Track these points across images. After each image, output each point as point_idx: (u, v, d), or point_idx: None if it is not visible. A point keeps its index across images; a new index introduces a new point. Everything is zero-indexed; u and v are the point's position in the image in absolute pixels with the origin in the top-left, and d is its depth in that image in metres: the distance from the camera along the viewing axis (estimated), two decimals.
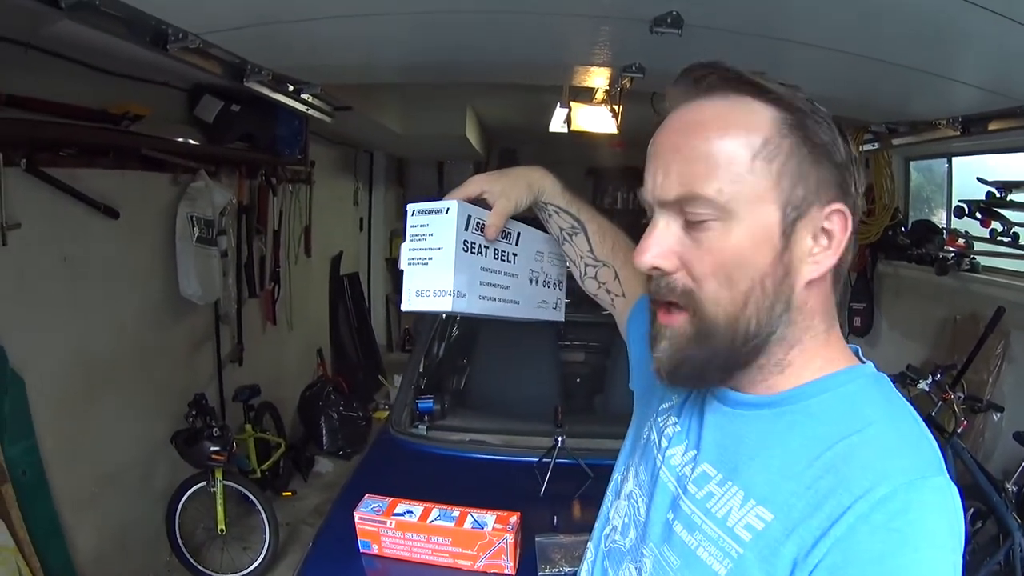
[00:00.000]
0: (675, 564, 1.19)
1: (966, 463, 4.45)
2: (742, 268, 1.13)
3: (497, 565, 2.85)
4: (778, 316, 1.16)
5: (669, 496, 1.28)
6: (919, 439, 1.11)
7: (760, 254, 1.13)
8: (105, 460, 4.61)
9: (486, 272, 1.53)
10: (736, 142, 1.13)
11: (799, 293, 1.16)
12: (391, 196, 11.89)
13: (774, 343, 1.17)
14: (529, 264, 1.69)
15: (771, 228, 1.13)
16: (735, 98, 1.16)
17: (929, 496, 1.02)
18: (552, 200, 1.72)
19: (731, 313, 1.14)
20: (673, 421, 1.38)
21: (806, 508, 1.05)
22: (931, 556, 0.99)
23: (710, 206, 1.12)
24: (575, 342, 5.88)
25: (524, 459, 3.72)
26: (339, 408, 7.64)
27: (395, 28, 3.62)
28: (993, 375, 5.30)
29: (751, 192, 1.12)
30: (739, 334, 1.14)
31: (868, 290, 7.23)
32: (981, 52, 3.36)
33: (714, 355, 1.16)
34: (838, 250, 1.15)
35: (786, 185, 1.12)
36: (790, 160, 1.13)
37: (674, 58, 3.64)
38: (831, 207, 1.14)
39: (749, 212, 1.12)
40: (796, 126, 1.13)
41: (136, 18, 3.09)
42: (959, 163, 6.13)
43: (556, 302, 1.84)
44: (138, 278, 4.90)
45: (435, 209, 1.45)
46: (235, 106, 5.29)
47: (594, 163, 12.43)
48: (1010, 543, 4.12)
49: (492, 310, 1.55)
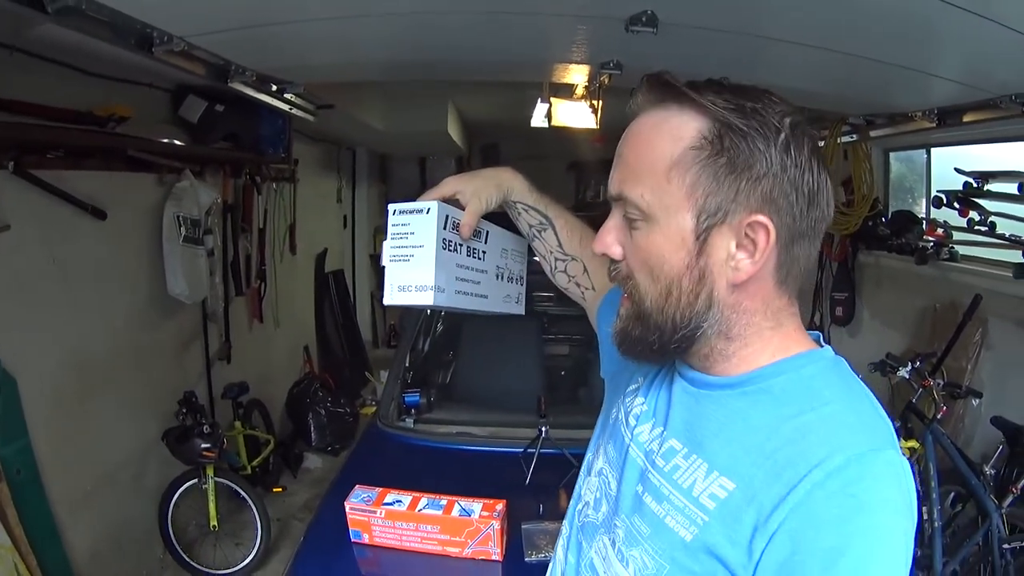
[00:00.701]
0: (645, 532, 1.27)
1: (945, 448, 4.50)
2: (661, 267, 1.26)
3: (484, 551, 2.91)
4: (701, 313, 1.25)
5: (638, 470, 1.36)
6: (874, 417, 1.19)
7: (676, 256, 1.24)
8: (98, 459, 4.64)
9: (461, 268, 1.61)
10: (658, 154, 1.24)
11: (723, 294, 1.25)
12: (374, 193, 11.87)
13: (711, 336, 1.27)
14: (496, 261, 1.77)
15: (685, 233, 1.23)
16: (675, 108, 1.25)
17: (882, 467, 1.10)
18: (521, 199, 1.80)
19: (656, 304, 1.28)
20: (640, 401, 1.47)
21: (765, 477, 1.13)
22: (885, 520, 1.07)
23: (636, 209, 1.26)
24: (559, 335, 5.92)
25: (509, 449, 3.78)
26: (326, 404, 7.65)
27: (378, 29, 3.65)
28: (972, 362, 5.34)
29: (668, 200, 1.23)
30: (667, 323, 1.26)
31: (849, 280, 7.24)
32: (955, 47, 3.41)
33: (649, 335, 1.30)
34: (761, 258, 1.21)
35: (699, 195, 1.21)
36: (705, 171, 1.21)
37: (651, 55, 3.73)
38: (751, 217, 1.20)
39: (666, 217, 1.23)
40: (716, 139, 1.20)
41: (122, 22, 3.10)
42: (939, 153, 6.18)
43: (518, 296, 1.92)
44: (126, 278, 4.93)
45: (416, 209, 1.54)
46: (219, 106, 5.31)
47: (576, 157, 12.48)
48: (988, 525, 4.16)
49: (466, 304, 1.64)
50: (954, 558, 4.36)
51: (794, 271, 1.25)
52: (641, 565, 1.26)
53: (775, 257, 1.23)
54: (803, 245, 1.25)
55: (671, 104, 1.25)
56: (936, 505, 4.43)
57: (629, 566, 1.28)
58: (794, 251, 1.24)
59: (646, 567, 1.24)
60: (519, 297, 1.93)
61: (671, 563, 1.21)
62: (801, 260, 1.26)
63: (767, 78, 1.69)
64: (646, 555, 1.25)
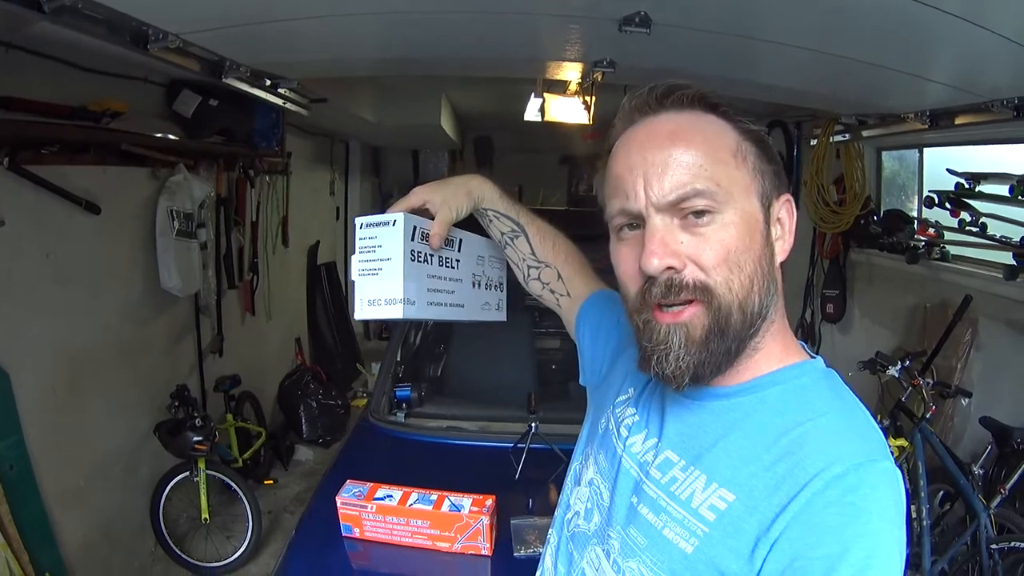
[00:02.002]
0: (642, 544, 1.27)
1: (934, 447, 4.53)
2: (745, 252, 1.23)
3: (474, 546, 2.93)
4: (772, 295, 1.27)
5: (632, 481, 1.37)
6: (867, 428, 1.21)
7: (754, 239, 1.24)
8: (91, 452, 4.64)
9: (433, 279, 1.59)
10: (718, 143, 1.25)
11: (779, 276, 1.29)
12: (367, 185, 11.89)
13: (755, 335, 1.28)
14: (471, 268, 1.75)
15: (756, 215, 1.25)
16: (694, 113, 1.28)
17: (878, 477, 1.12)
18: (492, 206, 1.78)
19: (742, 296, 1.23)
20: (632, 412, 1.48)
21: (765, 488, 1.15)
22: (882, 528, 1.08)
23: (710, 198, 1.21)
24: (550, 329, 5.93)
25: (500, 444, 3.80)
26: (318, 397, 7.70)
27: (372, 26, 3.67)
28: (962, 361, 5.36)
29: (739, 183, 1.24)
30: (748, 315, 1.24)
31: (840, 277, 7.26)
32: (947, 52, 3.45)
33: (730, 343, 1.25)
34: (791, 233, 1.29)
35: (759, 178, 1.26)
36: (757, 158, 1.26)
37: (644, 54, 3.75)
38: (783, 197, 1.28)
39: (740, 201, 1.23)
40: (748, 133, 1.27)
41: (117, 20, 3.11)
42: (932, 153, 6.20)
43: (498, 303, 1.90)
44: (119, 272, 4.93)
45: (382, 221, 1.52)
46: (213, 100, 5.30)
47: (568, 151, 12.49)
48: (976, 524, 4.18)
49: (440, 315, 1.63)
50: (942, 557, 4.39)
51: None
52: None
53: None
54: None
55: (686, 110, 1.29)
56: (925, 504, 4.46)
57: None
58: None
59: None
60: (499, 304, 1.92)
61: (670, 575, 1.22)
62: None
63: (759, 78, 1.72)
64: (643, 567, 1.26)
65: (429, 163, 11.99)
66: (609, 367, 1.70)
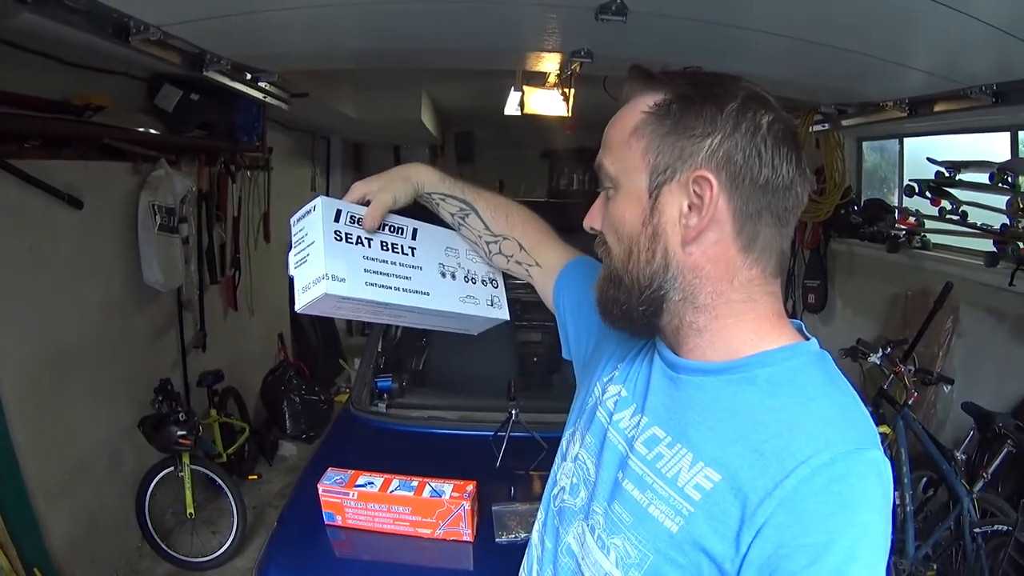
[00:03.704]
0: (627, 520, 1.27)
1: (917, 434, 4.56)
2: (623, 226, 1.33)
3: (456, 532, 2.97)
4: (660, 272, 1.29)
5: (618, 456, 1.37)
6: (857, 415, 1.21)
7: (634, 215, 1.30)
8: (75, 447, 4.63)
9: (372, 261, 1.60)
10: (623, 125, 1.34)
11: (678, 253, 1.28)
12: (348, 181, 11.54)
13: (678, 303, 1.30)
14: (438, 259, 1.75)
15: (641, 192, 1.29)
16: (647, 91, 1.34)
17: (865, 466, 1.12)
18: (434, 189, 1.80)
19: (621, 263, 1.35)
20: (619, 387, 1.48)
21: (752, 470, 1.14)
22: (868, 519, 1.09)
23: (608, 177, 1.36)
24: (532, 322, 5.94)
25: (480, 433, 3.84)
26: (301, 392, 7.67)
27: (351, 17, 3.67)
28: (944, 349, 5.40)
29: (629, 164, 1.31)
30: (633, 283, 1.32)
31: (821, 267, 7.31)
32: (926, 38, 3.47)
33: (620, 296, 1.36)
34: (707, 212, 1.24)
35: (651, 155, 1.28)
36: (655, 133, 1.28)
37: (621, 44, 3.76)
38: (696, 172, 1.24)
39: (627, 180, 1.32)
40: (666, 105, 1.28)
41: (99, 11, 3.11)
42: (912, 143, 6.23)
43: (491, 299, 1.86)
44: (102, 267, 4.92)
45: (306, 211, 1.58)
46: (194, 95, 5.29)
47: (549, 145, 12.42)
48: (959, 509, 4.21)
49: (391, 297, 1.61)
50: (926, 542, 4.43)
51: (760, 242, 1.26)
52: (623, 553, 1.26)
53: (731, 220, 1.25)
54: (768, 219, 1.27)
55: (645, 88, 1.33)
56: (908, 490, 4.49)
57: (610, 554, 1.29)
58: (758, 221, 1.26)
59: (628, 556, 1.25)
60: (493, 300, 1.86)
61: (655, 553, 1.22)
62: (770, 235, 1.28)
63: (736, 66, 1.71)
64: (629, 544, 1.26)
65: (410, 158, 11.82)
66: (596, 343, 1.70)
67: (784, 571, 1.07)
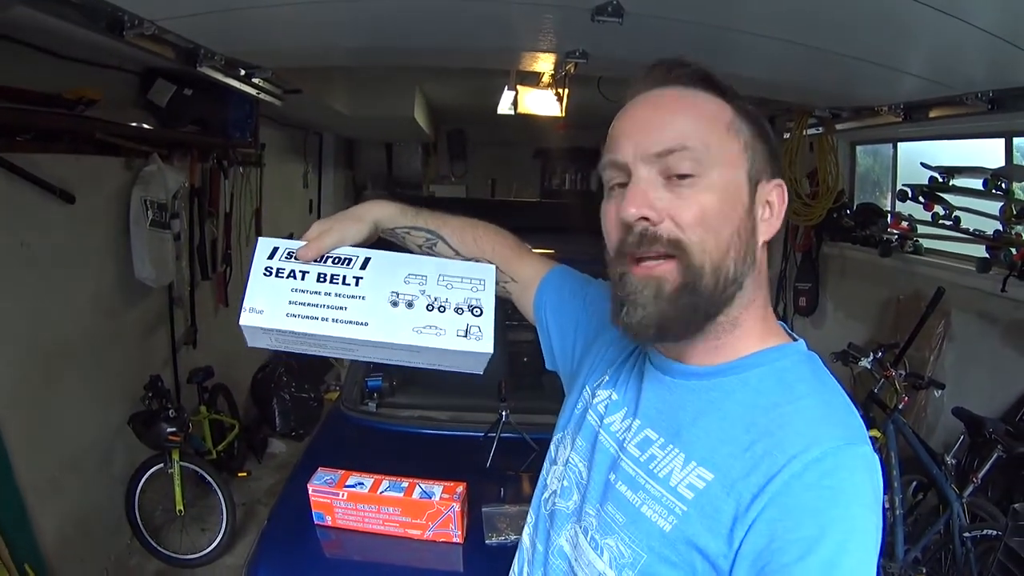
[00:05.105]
0: (620, 521, 1.28)
1: (907, 438, 4.57)
2: (723, 218, 1.25)
3: (445, 534, 2.96)
4: (748, 266, 1.28)
5: (609, 458, 1.38)
6: (846, 413, 1.23)
7: (735, 208, 1.26)
8: (65, 443, 4.61)
9: (300, 293, 1.59)
10: (714, 112, 1.29)
11: (759, 253, 1.31)
12: (340, 178, 11.80)
13: (739, 297, 1.29)
14: (391, 287, 1.65)
15: (741, 187, 1.27)
16: (697, 90, 1.31)
17: (855, 461, 1.14)
18: (395, 224, 1.78)
19: (715, 259, 1.24)
20: (609, 391, 1.49)
21: (743, 468, 1.16)
22: (859, 512, 1.10)
23: (694, 160, 1.23)
24: (523, 322, 5.91)
25: (471, 433, 3.84)
26: (291, 389, 7.65)
27: (346, 14, 3.67)
28: (935, 353, 5.42)
29: (728, 152, 1.27)
30: (720, 280, 1.25)
31: (813, 270, 7.33)
32: (921, 44, 3.47)
33: (700, 302, 1.26)
34: (780, 218, 1.30)
35: (749, 155, 1.28)
36: (751, 137, 1.29)
37: (616, 45, 3.75)
38: (774, 181, 1.30)
39: (724, 170, 1.26)
40: (745, 113, 1.30)
41: (93, 5, 3.10)
42: (906, 148, 6.24)
43: (466, 329, 1.64)
44: (93, 262, 4.91)
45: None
46: (188, 90, 5.28)
47: (542, 144, 12.48)
48: (949, 513, 4.22)
49: (319, 328, 1.58)
50: (916, 546, 4.43)
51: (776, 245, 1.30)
52: (617, 554, 1.27)
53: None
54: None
55: (690, 87, 1.32)
56: (898, 494, 4.49)
57: (604, 555, 1.30)
58: None
59: (622, 555, 1.26)
60: (468, 330, 1.64)
61: (648, 552, 1.22)
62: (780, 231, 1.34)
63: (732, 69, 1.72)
64: (622, 544, 1.26)
65: (403, 156, 11.94)
66: (583, 352, 1.70)
67: (776, 564, 1.08)
